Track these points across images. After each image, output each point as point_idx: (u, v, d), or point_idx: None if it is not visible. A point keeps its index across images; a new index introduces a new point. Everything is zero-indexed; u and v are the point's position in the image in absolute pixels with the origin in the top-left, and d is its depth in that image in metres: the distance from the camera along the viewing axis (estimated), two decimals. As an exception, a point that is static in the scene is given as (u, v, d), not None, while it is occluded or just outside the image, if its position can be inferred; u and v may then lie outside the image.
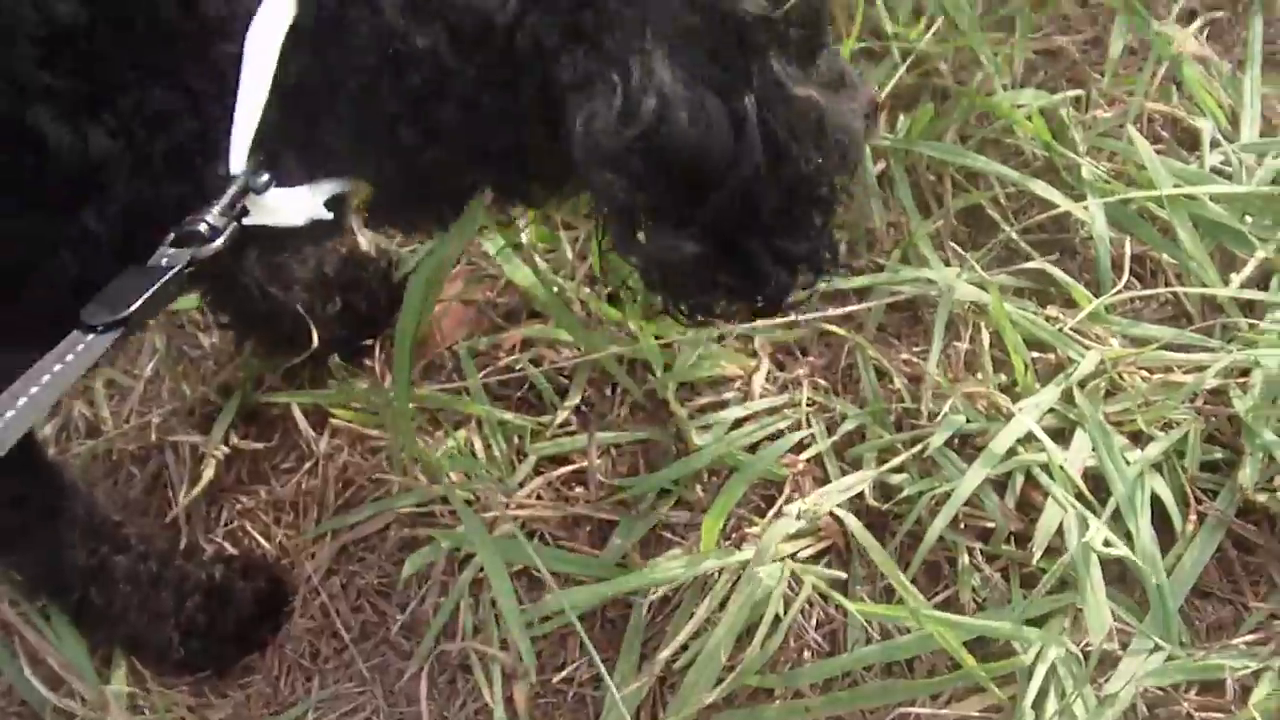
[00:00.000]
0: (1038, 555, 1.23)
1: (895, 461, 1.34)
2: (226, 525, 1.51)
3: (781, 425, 1.39)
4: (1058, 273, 1.44)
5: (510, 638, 1.32)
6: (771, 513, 1.34)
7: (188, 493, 1.48)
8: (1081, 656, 1.20)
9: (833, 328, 1.45)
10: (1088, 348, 1.38)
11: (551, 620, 1.33)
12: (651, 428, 1.43)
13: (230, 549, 1.48)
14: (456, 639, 1.36)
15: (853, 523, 1.26)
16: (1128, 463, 1.29)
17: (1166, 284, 1.47)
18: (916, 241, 1.49)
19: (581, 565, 1.36)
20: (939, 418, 1.34)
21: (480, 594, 1.37)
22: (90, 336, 0.90)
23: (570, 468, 1.44)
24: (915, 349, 1.45)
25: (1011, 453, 1.31)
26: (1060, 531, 1.25)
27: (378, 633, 1.42)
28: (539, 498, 1.43)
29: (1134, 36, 1.64)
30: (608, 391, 1.48)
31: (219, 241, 0.96)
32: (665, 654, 1.27)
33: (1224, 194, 1.46)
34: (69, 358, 0.89)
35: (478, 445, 1.45)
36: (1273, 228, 1.43)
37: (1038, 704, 1.18)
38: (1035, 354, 1.41)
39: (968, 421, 1.35)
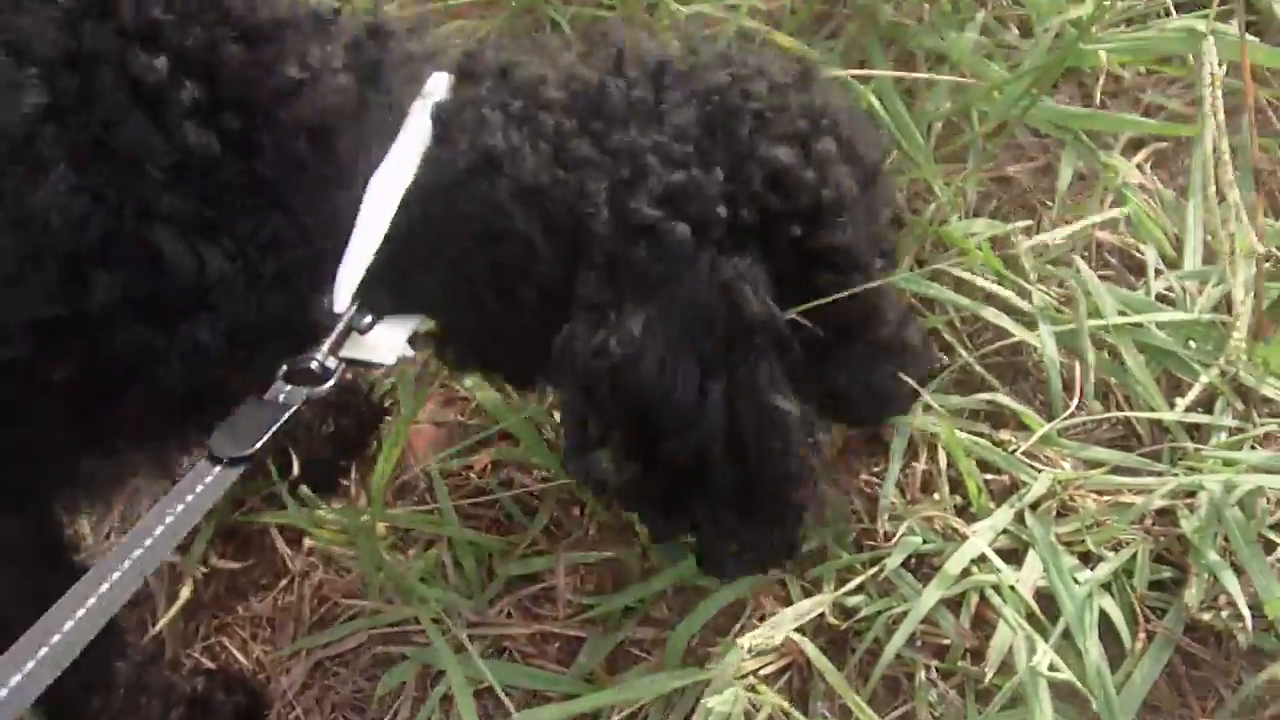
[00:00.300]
0: (990, 674, 1.27)
1: (855, 582, 1.38)
2: (204, 640, 1.54)
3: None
4: (1009, 401, 1.48)
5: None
6: (732, 633, 1.37)
7: (166, 610, 1.51)
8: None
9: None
10: (1039, 470, 1.43)
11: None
12: (618, 547, 1.47)
13: (208, 664, 1.50)
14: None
15: (809, 647, 1.29)
16: (1078, 583, 1.33)
17: (1117, 407, 1.52)
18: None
19: (549, 682, 1.40)
20: (896, 539, 1.38)
21: (451, 709, 1.40)
22: (217, 469, 0.98)
23: (539, 586, 1.48)
24: (875, 470, 1.50)
25: (966, 573, 1.35)
26: (1013, 649, 1.29)
27: (351, 748, 1.44)
28: (509, 615, 1.46)
29: (1084, 164, 1.71)
30: (576, 511, 1.52)
31: (331, 383, 1.05)
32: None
33: (1168, 321, 1.52)
34: (199, 488, 0.97)
35: (449, 564, 1.49)
36: (1214, 353, 1.49)
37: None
38: (990, 476, 1.45)
39: (924, 542, 1.39)
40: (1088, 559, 1.37)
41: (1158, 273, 1.59)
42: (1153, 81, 1.80)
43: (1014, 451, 1.44)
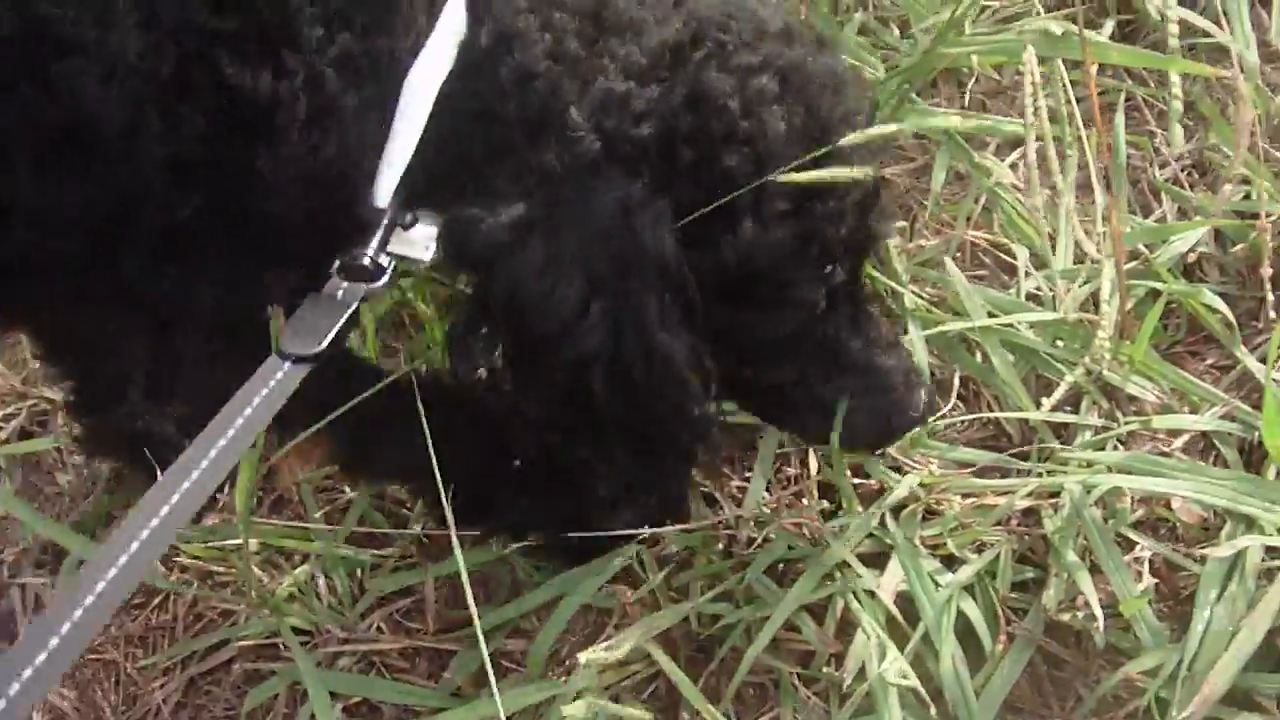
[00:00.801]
0: (849, 680, 1.27)
1: (721, 588, 1.38)
2: (76, 660, 1.52)
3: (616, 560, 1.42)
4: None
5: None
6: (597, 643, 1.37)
7: (36, 630, 1.49)
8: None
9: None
10: (907, 473, 1.43)
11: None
12: (489, 557, 1.46)
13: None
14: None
15: (660, 656, 1.29)
16: (939, 586, 1.33)
17: (988, 408, 1.53)
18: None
19: (419, 696, 1.39)
20: (757, 544, 1.39)
21: (318, 727, 1.39)
22: (286, 365, 1.00)
23: (410, 599, 1.47)
24: (747, 475, 1.50)
25: (831, 578, 1.35)
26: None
27: (223, 765, 1.43)
28: (380, 630, 1.45)
29: (962, 166, 1.72)
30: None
31: (385, 279, 1.08)
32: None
33: (1036, 321, 1.53)
34: (269, 385, 0.99)
35: (320, 580, 1.48)
36: (1081, 351, 1.50)
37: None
38: (860, 480, 1.46)
39: (789, 549, 1.39)
40: (953, 561, 1.38)
41: (1028, 273, 1.60)
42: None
43: (881, 455, 1.44)
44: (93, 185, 1.06)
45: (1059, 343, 1.53)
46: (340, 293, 1.06)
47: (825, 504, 1.45)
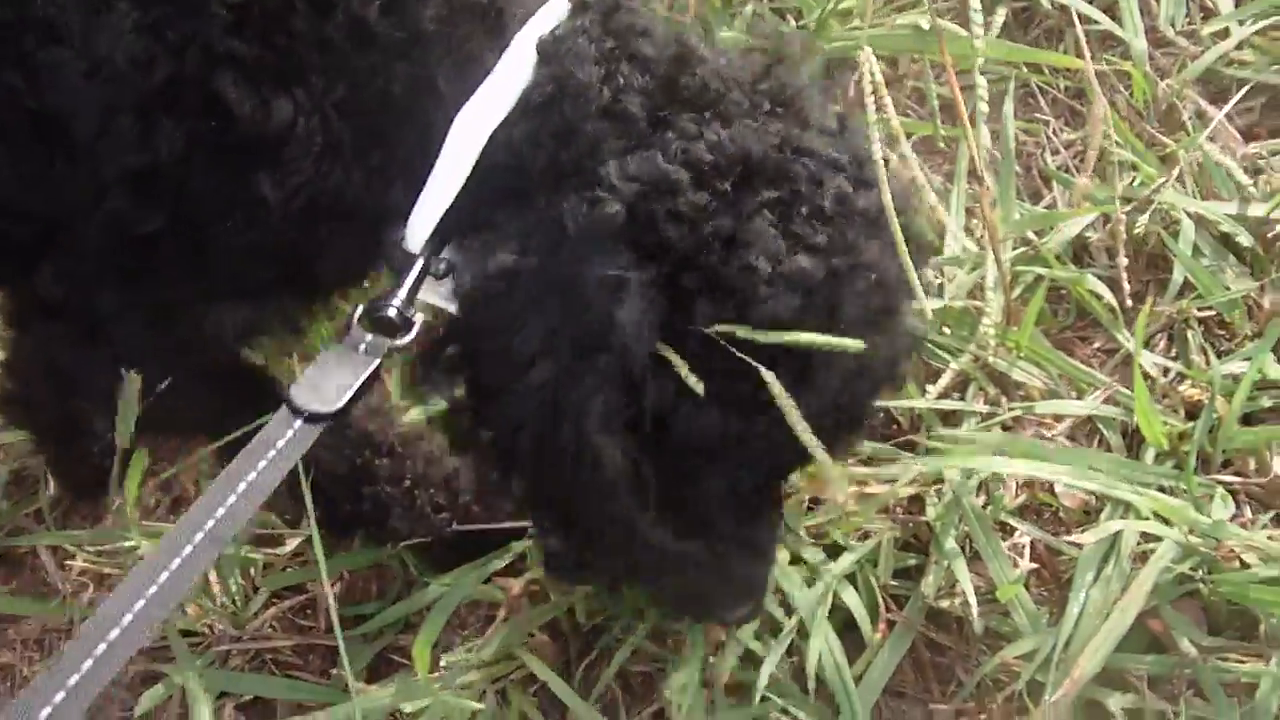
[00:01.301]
0: (725, 676, 1.29)
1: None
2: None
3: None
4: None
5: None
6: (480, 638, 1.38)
7: (-72, 636, 1.50)
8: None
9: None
10: (792, 463, 1.44)
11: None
12: (381, 554, 1.47)
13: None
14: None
15: (531, 660, 1.30)
16: (817, 577, 1.34)
17: (879, 397, 1.54)
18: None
19: (310, 693, 1.39)
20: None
21: (212, 727, 1.39)
22: (298, 423, 0.96)
23: (304, 596, 1.47)
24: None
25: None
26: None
27: (118, 767, 1.44)
28: (273, 628, 1.46)
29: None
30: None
31: (413, 334, 1.04)
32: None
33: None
34: (280, 443, 0.95)
35: (213, 579, 1.48)
36: (967, 338, 1.51)
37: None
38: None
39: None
40: (839, 551, 1.39)
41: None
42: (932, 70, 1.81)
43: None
44: (52, 181, 1.04)
45: (946, 330, 1.54)
46: (363, 346, 1.02)
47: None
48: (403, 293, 1.03)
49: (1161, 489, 1.37)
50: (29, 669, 1.51)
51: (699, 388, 0.95)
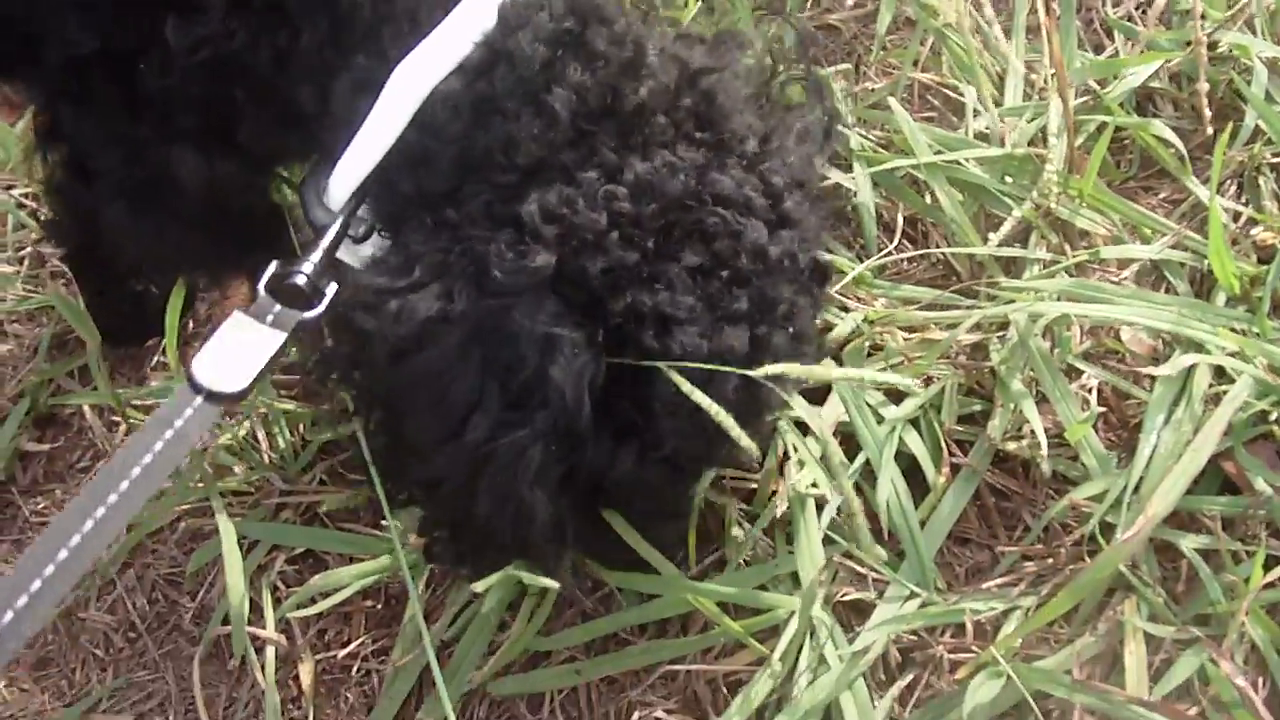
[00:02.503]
0: (781, 509, 1.26)
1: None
2: (22, 526, 1.51)
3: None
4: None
5: (290, 619, 1.34)
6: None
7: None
8: (826, 611, 1.23)
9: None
10: (853, 311, 1.41)
11: (332, 598, 1.34)
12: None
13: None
14: (243, 626, 1.36)
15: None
16: (880, 420, 1.31)
17: (936, 247, 1.50)
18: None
19: (362, 545, 1.38)
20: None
21: (263, 578, 1.38)
22: (198, 401, 0.90)
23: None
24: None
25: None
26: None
27: (169, 621, 1.42)
28: (322, 483, 1.44)
29: (910, 9, 1.68)
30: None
31: (321, 309, 0.98)
32: (438, 625, 1.29)
33: (983, 157, 1.50)
34: (179, 423, 0.89)
35: (261, 435, 1.46)
36: (1029, 187, 1.47)
37: (794, 657, 1.21)
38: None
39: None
40: (900, 398, 1.36)
41: (976, 112, 1.57)
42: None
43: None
44: None
45: (1008, 179, 1.50)
46: (270, 318, 0.96)
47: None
48: (315, 256, 0.99)
49: (1233, 331, 1.33)
50: (78, 529, 1.49)
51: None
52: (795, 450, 1.29)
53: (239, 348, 0.93)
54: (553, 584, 1.12)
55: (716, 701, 1.24)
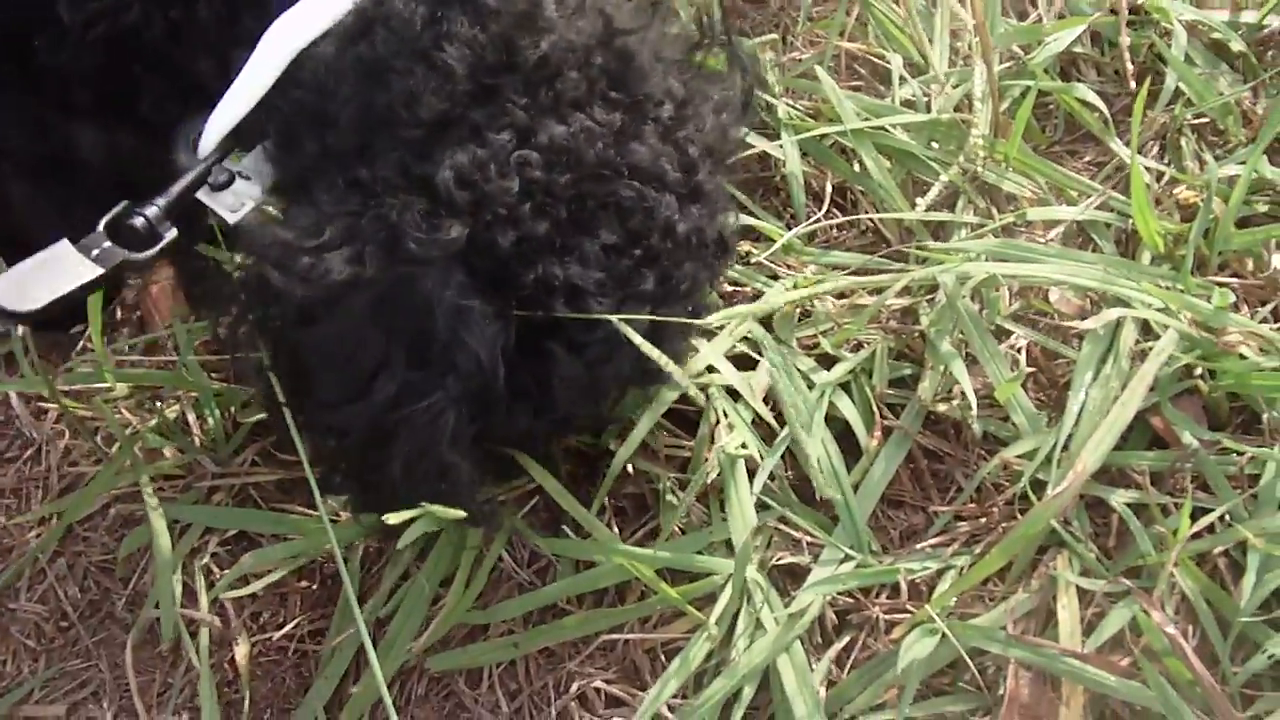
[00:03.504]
0: (712, 476, 1.26)
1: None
2: (-53, 519, 1.49)
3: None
4: (745, 212, 1.47)
5: (224, 601, 1.33)
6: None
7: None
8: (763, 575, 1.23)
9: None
10: (780, 279, 1.41)
11: (265, 579, 1.33)
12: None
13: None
14: (175, 608, 1.35)
15: (535, 469, 1.26)
16: (811, 385, 1.32)
17: (865, 213, 1.51)
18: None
19: (294, 525, 1.36)
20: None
21: (195, 562, 1.36)
22: None
23: (286, 431, 1.44)
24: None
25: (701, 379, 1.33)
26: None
27: (102, 609, 1.41)
28: (254, 464, 1.42)
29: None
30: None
31: (152, 252, 0.98)
32: (373, 602, 1.28)
33: (909, 123, 1.50)
34: None
35: (192, 419, 1.45)
36: (955, 151, 1.48)
37: (731, 622, 1.21)
38: (736, 288, 1.44)
39: (661, 356, 1.37)
40: (832, 362, 1.36)
41: (903, 80, 1.57)
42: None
43: (751, 262, 1.42)
44: None
45: (934, 144, 1.51)
46: (96, 252, 0.96)
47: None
48: (165, 199, 0.99)
49: (1158, 287, 1.34)
50: (6, 519, 1.47)
51: None
52: (725, 415, 1.29)
53: (51, 273, 0.93)
54: (460, 515, 1.09)
55: (655, 670, 1.24)
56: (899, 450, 1.31)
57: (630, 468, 1.34)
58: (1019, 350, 1.35)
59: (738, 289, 1.44)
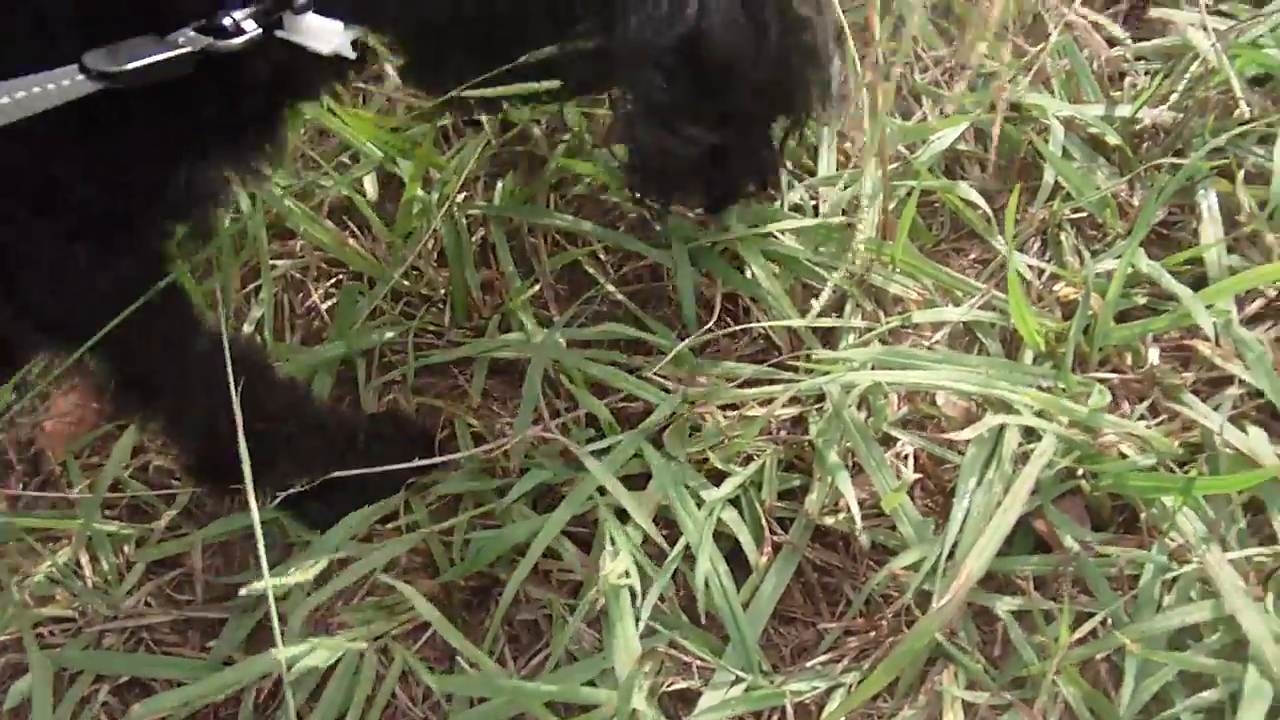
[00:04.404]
0: (601, 601, 1.26)
1: (484, 509, 1.37)
2: None
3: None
4: (634, 328, 1.49)
5: (115, 753, 1.31)
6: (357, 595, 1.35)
7: None
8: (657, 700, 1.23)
9: (435, 401, 1.48)
10: (671, 391, 1.42)
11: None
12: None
13: None
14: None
15: (417, 599, 1.25)
16: (700, 503, 1.32)
17: (756, 321, 1.51)
18: (514, 306, 1.52)
19: (187, 669, 1.35)
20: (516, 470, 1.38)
21: (85, 710, 1.35)
22: (79, 76, 0.91)
23: (179, 570, 1.43)
24: (515, 400, 1.48)
25: (592, 501, 1.33)
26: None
27: (-10, 765, 1.39)
28: (149, 604, 1.41)
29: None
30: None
31: (237, 41, 0.98)
32: (263, 748, 1.27)
33: (797, 228, 1.51)
34: (50, 86, 0.90)
35: (85, 560, 1.43)
36: (840, 254, 1.49)
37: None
38: (628, 404, 1.44)
39: (554, 476, 1.37)
40: (723, 477, 1.36)
41: (791, 185, 1.58)
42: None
43: (642, 375, 1.43)
44: None
45: (821, 249, 1.51)
46: (182, 39, 0.97)
47: (592, 431, 1.42)
48: (248, 10, 0.99)
49: (1040, 389, 1.35)
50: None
51: None
52: (613, 541, 1.28)
53: (139, 49, 0.94)
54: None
55: (551, 802, 1.23)
56: (788, 565, 1.31)
57: (524, 593, 1.33)
58: (905, 457, 1.36)
59: (628, 404, 1.44)
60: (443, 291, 1.58)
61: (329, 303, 1.60)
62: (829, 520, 1.32)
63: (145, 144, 1.07)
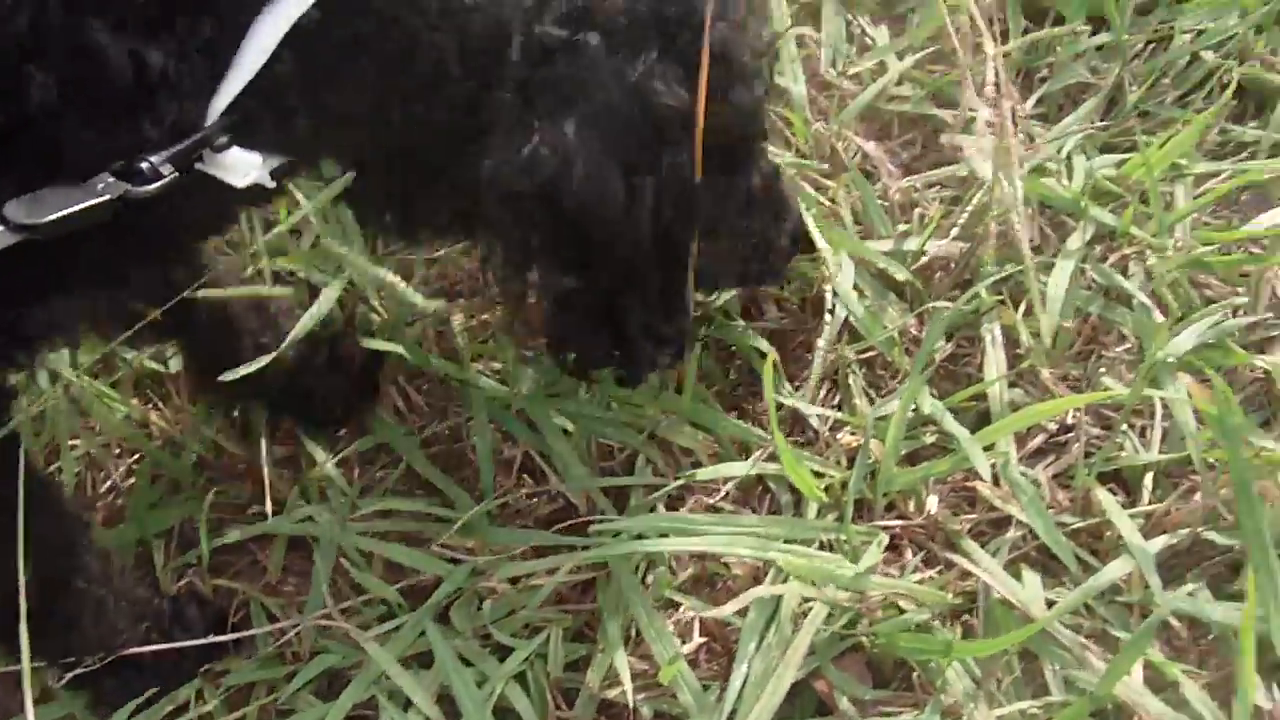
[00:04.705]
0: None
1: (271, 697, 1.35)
2: None
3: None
4: (408, 505, 1.49)
5: None
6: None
7: None
8: None
9: (232, 583, 1.47)
10: (462, 561, 1.42)
11: None
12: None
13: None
14: None
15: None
16: (483, 680, 1.31)
17: (551, 484, 1.52)
18: (311, 479, 1.52)
19: None
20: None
21: None
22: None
23: None
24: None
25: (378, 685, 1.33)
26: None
27: None
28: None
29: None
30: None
31: (154, 187, 0.97)
32: None
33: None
34: None
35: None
36: (635, 408, 1.49)
37: None
38: (419, 576, 1.44)
39: (342, 659, 1.37)
40: (509, 651, 1.36)
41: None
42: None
43: (430, 548, 1.43)
44: None
45: (613, 406, 1.52)
46: (101, 186, 0.97)
47: (385, 608, 1.42)
48: (166, 154, 0.98)
49: (823, 544, 1.36)
50: None
51: None
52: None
53: (60, 200, 0.94)
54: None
55: None
56: (573, 744, 1.31)
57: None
58: (689, 622, 1.36)
59: (419, 578, 1.43)
60: (242, 467, 1.57)
61: (130, 480, 1.58)
62: (611, 693, 1.32)
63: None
